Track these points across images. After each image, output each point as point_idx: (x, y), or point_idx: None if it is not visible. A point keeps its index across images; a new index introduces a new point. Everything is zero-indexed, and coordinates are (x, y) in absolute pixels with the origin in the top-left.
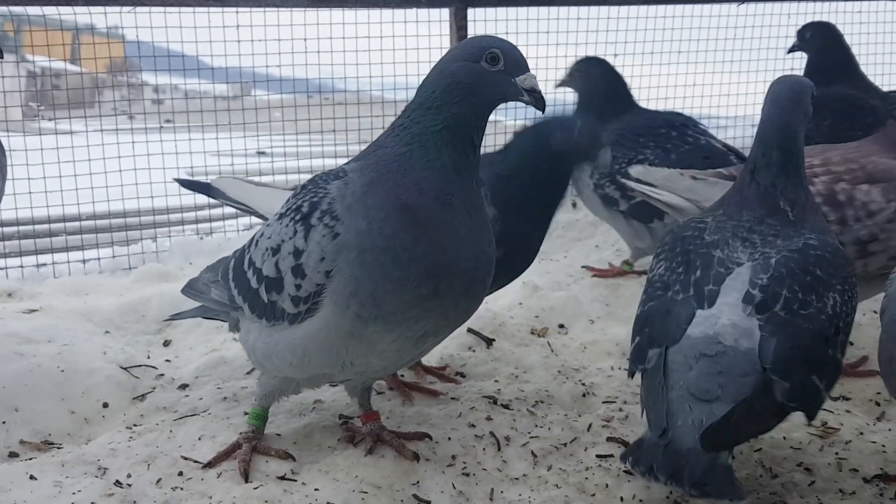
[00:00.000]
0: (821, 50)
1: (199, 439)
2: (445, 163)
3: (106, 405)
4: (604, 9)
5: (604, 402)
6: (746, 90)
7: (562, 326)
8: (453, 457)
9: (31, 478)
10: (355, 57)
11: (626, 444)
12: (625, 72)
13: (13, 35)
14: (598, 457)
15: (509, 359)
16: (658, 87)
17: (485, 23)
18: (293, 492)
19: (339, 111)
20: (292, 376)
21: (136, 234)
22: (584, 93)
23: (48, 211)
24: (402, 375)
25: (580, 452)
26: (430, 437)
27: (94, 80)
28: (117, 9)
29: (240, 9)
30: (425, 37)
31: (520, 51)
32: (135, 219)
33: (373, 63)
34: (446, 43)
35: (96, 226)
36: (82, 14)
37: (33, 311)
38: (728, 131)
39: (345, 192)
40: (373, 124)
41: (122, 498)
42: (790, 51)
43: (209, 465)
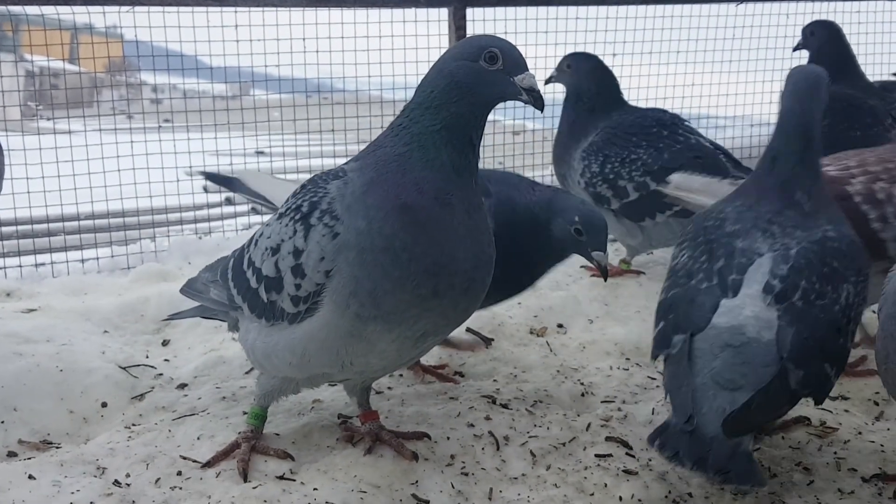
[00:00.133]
0: (822, 48)
1: (198, 439)
2: (444, 162)
3: (105, 405)
4: (602, 8)
5: (602, 402)
6: (745, 90)
7: (560, 326)
8: (452, 456)
9: (30, 477)
10: (354, 57)
11: (625, 444)
12: (623, 72)
13: (11, 35)
14: (596, 456)
15: (508, 358)
16: (657, 87)
17: (483, 22)
18: (292, 491)
19: (338, 111)
20: (291, 376)
21: (134, 233)
22: (574, 88)
23: (47, 210)
24: (402, 375)
25: (579, 452)
26: (429, 437)
27: (93, 79)
28: (116, 8)
29: (238, 8)
30: (424, 36)
31: (518, 50)
32: (133, 218)
33: (371, 63)
34: (445, 43)
35: (95, 225)
36: (81, 13)
37: (32, 310)
38: (727, 131)
39: (344, 191)
40: (372, 124)
41: (120, 497)
42: (795, 49)
43: (208, 464)
